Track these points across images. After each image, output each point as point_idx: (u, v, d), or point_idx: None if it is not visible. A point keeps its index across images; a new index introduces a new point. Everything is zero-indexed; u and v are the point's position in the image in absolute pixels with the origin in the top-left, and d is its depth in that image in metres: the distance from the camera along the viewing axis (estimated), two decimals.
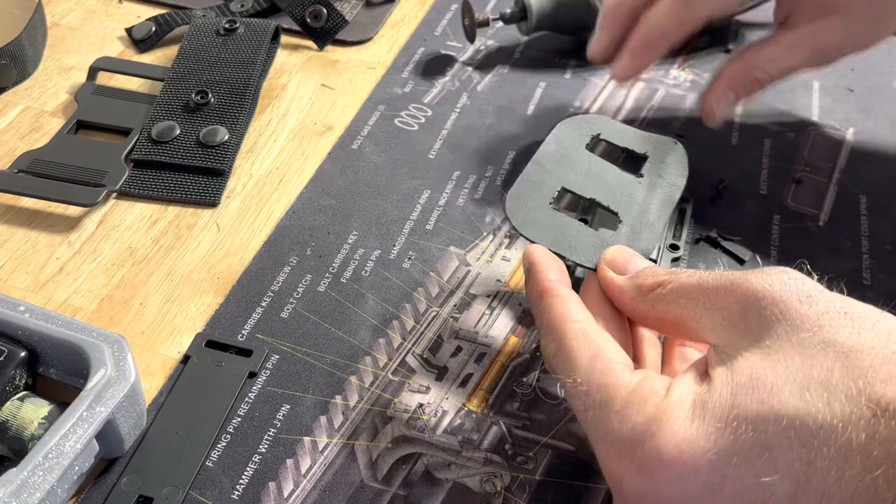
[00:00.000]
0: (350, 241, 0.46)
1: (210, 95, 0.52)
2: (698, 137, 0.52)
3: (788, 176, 0.50)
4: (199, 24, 0.57)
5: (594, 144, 0.43)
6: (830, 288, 0.29)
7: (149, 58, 0.58)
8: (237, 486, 0.36)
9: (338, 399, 0.39)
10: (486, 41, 0.61)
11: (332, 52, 0.59)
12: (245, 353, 0.40)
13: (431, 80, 0.57)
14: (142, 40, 0.58)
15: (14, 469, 0.31)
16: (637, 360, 0.35)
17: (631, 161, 0.42)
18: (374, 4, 0.63)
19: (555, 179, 0.40)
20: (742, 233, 0.47)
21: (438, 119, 0.54)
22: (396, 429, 0.38)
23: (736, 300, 0.29)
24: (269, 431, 0.38)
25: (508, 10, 0.58)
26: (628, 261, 0.35)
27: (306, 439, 0.38)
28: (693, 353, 0.36)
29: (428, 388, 0.40)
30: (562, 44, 0.60)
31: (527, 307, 0.43)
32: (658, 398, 0.28)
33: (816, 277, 0.30)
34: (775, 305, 0.28)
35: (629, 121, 0.54)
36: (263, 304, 0.43)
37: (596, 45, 0.47)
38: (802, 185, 0.50)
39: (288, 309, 0.43)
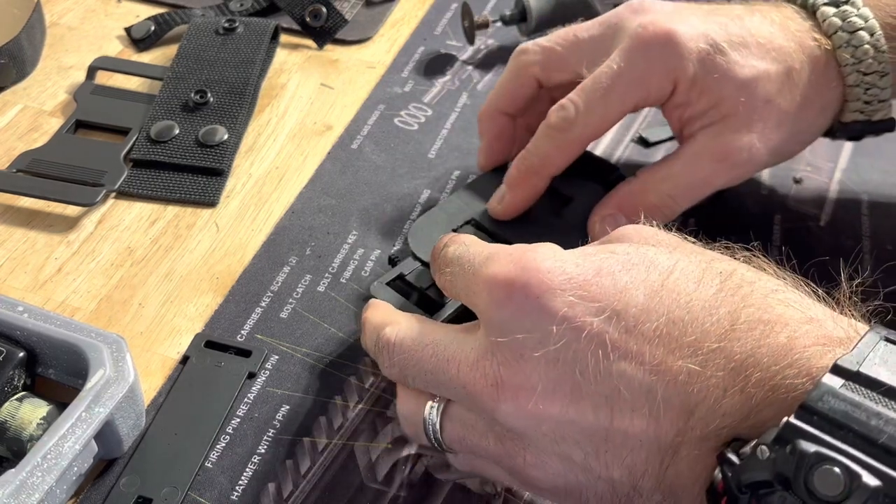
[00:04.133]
0: (350, 241, 0.46)
1: (209, 95, 0.52)
2: None
3: (789, 176, 0.50)
4: (199, 23, 0.57)
5: None
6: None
7: (148, 57, 0.58)
8: (236, 487, 0.36)
9: (337, 400, 0.39)
10: (486, 40, 0.60)
11: (332, 51, 0.59)
12: (244, 353, 0.40)
13: (431, 79, 0.57)
14: (141, 40, 0.58)
15: (13, 470, 0.31)
16: None
17: (559, 198, 0.44)
18: (374, 3, 0.63)
19: (467, 212, 0.43)
20: (742, 233, 0.47)
21: (438, 119, 0.54)
22: (396, 429, 0.38)
23: None
24: (269, 432, 0.38)
25: (508, 12, 0.57)
26: None
27: (306, 440, 0.37)
28: None
29: None
30: None
31: None
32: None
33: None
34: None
35: (629, 119, 0.54)
36: (263, 304, 0.43)
37: (481, 157, 0.46)
38: (803, 185, 0.50)
39: (287, 309, 0.43)
